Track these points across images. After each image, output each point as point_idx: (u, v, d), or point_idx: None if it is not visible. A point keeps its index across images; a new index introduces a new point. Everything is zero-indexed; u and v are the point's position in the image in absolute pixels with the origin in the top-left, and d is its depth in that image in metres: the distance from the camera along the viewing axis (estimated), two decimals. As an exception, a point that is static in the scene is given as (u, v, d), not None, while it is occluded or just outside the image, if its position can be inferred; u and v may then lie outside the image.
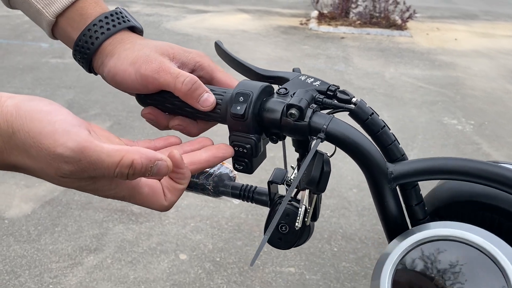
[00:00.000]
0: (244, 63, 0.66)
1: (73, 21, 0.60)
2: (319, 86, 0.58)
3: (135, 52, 0.57)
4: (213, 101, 0.56)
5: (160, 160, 0.44)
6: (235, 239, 2.34)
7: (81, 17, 0.59)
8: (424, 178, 0.53)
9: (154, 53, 0.57)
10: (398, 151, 0.56)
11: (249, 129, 0.54)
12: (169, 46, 0.59)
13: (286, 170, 0.64)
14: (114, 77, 0.58)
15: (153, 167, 0.43)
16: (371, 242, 2.38)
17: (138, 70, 0.55)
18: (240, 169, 0.57)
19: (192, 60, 0.59)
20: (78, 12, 0.59)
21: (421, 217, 0.57)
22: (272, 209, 0.64)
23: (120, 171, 0.42)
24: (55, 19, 0.60)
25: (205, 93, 0.56)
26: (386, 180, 0.54)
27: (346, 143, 0.52)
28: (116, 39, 0.59)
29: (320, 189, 0.54)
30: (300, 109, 0.51)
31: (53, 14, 0.59)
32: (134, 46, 0.58)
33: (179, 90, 0.55)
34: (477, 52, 5.97)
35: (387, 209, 0.55)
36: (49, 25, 0.61)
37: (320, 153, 0.54)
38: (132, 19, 0.62)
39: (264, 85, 0.55)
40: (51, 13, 0.59)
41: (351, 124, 0.54)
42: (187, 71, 0.59)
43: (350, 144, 0.52)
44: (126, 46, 0.58)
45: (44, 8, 0.60)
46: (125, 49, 0.58)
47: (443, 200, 0.62)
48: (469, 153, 3.28)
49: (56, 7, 0.59)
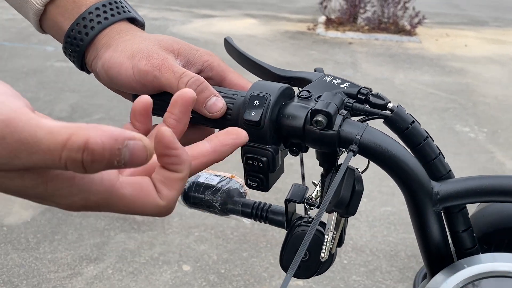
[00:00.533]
0: (258, 61, 0.57)
1: (65, 10, 0.51)
2: (348, 88, 0.49)
3: (134, 45, 0.49)
4: (222, 106, 0.47)
5: (131, 140, 0.29)
6: (240, 250, 2.25)
7: (74, 5, 0.51)
8: (477, 200, 0.44)
9: (156, 48, 0.48)
10: (443, 167, 0.47)
11: (265, 139, 0.45)
12: (175, 41, 0.50)
13: (306, 187, 0.55)
14: (108, 72, 0.49)
15: (123, 150, 0.29)
16: (382, 254, 2.28)
17: (137, 65, 0.47)
18: (253, 186, 0.48)
19: (200, 58, 0.50)
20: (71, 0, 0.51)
21: (470, 245, 0.48)
22: (289, 232, 0.54)
23: (69, 157, 0.28)
24: (44, 8, 0.52)
25: (213, 96, 0.47)
26: (430, 202, 0.44)
27: (383, 157, 0.43)
28: (114, 29, 0.51)
29: (350, 212, 0.45)
30: (328, 116, 0.42)
31: (41, 2, 0.51)
32: (133, 39, 0.50)
33: None
34: (488, 58, 5.86)
35: (429, 236, 0.46)
36: (37, 15, 0.52)
37: (350, 169, 0.45)
38: (132, 10, 0.54)
39: (284, 86, 0.47)
40: (39, 0, 0.51)
41: (387, 134, 0.45)
42: (194, 71, 0.50)
43: (389, 159, 0.43)
44: (124, 38, 0.50)
45: None
46: (124, 40, 0.50)
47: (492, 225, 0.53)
48: (483, 162, 3.17)
49: None
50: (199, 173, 0.62)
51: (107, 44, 0.50)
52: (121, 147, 0.29)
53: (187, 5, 8.41)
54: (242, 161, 0.48)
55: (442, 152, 0.48)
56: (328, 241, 0.47)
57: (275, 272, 2.12)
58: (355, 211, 0.46)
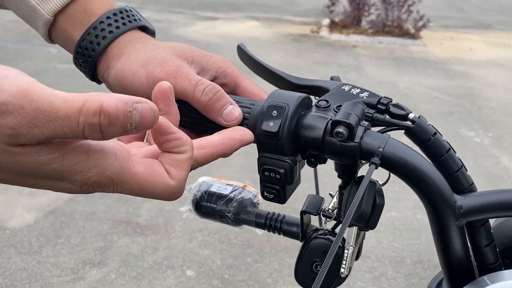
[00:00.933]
0: (273, 69, 0.56)
1: (75, 19, 0.50)
2: (368, 98, 0.47)
3: (148, 53, 0.48)
4: (238, 114, 0.46)
5: (139, 103, 0.31)
6: (244, 255, 2.23)
7: (84, 14, 0.50)
8: (501, 214, 0.42)
9: (170, 55, 0.47)
10: (466, 180, 0.45)
11: (283, 150, 0.44)
12: (188, 48, 0.49)
13: (322, 198, 0.54)
14: (121, 81, 0.48)
15: (133, 112, 0.31)
16: (388, 260, 2.26)
17: (151, 73, 0.46)
18: (270, 198, 0.47)
19: (214, 65, 0.49)
20: (81, 9, 0.50)
21: (492, 261, 0.46)
22: (305, 244, 0.53)
23: (87, 121, 0.29)
24: (53, 18, 0.50)
25: (229, 105, 0.46)
26: (453, 216, 0.43)
27: (406, 170, 0.41)
28: (126, 38, 0.50)
29: (370, 225, 0.44)
30: (349, 127, 0.41)
31: (51, 12, 0.50)
32: (146, 47, 0.49)
33: (198, 101, 0.45)
34: (492, 62, 5.84)
35: (452, 250, 0.44)
36: (46, 25, 0.51)
37: (371, 182, 0.44)
38: (143, 18, 0.53)
39: (302, 96, 0.45)
40: (48, 10, 0.50)
41: (409, 145, 0.44)
42: (208, 77, 0.49)
43: (411, 172, 0.41)
44: (137, 46, 0.49)
45: (40, 4, 0.50)
46: (136, 49, 0.49)
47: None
48: (489, 167, 3.15)
49: (55, 4, 0.49)
50: (211, 182, 0.61)
51: (119, 54, 0.49)
52: (131, 109, 0.31)
53: (190, 7, 8.41)
54: (259, 172, 0.46)
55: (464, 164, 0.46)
56: (349, 256, 0.45)
57: (279, 277, 2.11)
58: (376, 225, 0.44)
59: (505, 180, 3.01)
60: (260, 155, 0.45)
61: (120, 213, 2.48)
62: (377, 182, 0.46)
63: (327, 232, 0.52)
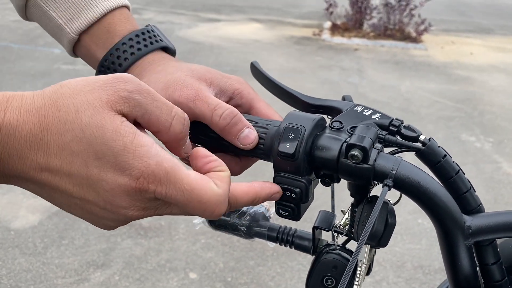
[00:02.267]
0: (286, 88, 0.57)
1: (99, 39, 0.52)
2: (379, 119, 0.49)
3: (168, 76, 0.49)
4: (254, 138, 0.48)
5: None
6: (247, 258, 2.25)
7: (108, 35, 0.52)
8: (509, 235, 0.44)
9: (189, 78, 0.49)
10: (474, 201, 0.47)
11: (299, 171, 0.46)
12: (207, 70, 0.51)
13: (334, 214, 0.55)
14: None
15: None
16: (389, 264, 2.28)
17: (171, 96, 0.48)
18: (285, 216, 0.49)
19: (231, 86, 0.51)
20: (105, 29, 0.52)
21: (499, 278, 0.48)
22: (316, 258, 0.55)
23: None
24: (78, 36, 0.53)
25: (246, 128, 0.48)
26: (462, 236, 0.45)
27: (418, 192, 0.43)
28: (147, 60, 0.52)
29: (382, 243, 0.46)
30: (364, 151, 0.43)
31: (76, 31, 0.52)
32: (166, 69, 0.50)
33: (216, 125, 0.47)
34: (493, 67, 5.86)
35: (460, 269, 0.46)
36: (71, 43, 0.54)
37: (384, 202, 0.46)
38: (164, 38, 0.54)
39: (317, 118, 0.47)
40: (74, 29, 0.52)
41: (420, 167, 0.45)
42: (225, 98, 0.51)
43: (423, 194, 0.43)
44: (157, 69, 0.51)
45: (66, 23, 0.52)
46: (156, 71, 0.50)
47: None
48: (489, 173, 3.17)
49: (80, 23, 0.51)
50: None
51: (140, 76, 0.51)
52: None
53: (193, 9, 8.43)
54: None
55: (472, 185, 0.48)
56: (361, 273, 0.47)
57: (282, 281, 2.12)
58: (387, 243, 0.46)
59: (505, 186, 3.03)
60: (276, 174, 0.47)
61: (124, 215, 2.49)
62: (389, 201, 0.47)
63: (338, 248, 0.54)
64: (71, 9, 0.52)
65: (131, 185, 0.35)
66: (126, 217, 0.37)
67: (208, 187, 0.37)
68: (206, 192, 0.37)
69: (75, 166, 0.34)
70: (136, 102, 0.35)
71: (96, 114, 0.34)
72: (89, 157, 0.34)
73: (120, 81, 0.35)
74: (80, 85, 0.35)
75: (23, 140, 0.33)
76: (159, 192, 0.35)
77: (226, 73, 0.53)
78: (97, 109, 0.34)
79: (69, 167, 0.34)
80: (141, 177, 0.35)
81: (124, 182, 0.35)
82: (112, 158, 0.34)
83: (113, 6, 0.52)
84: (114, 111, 0.34)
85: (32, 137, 0.34)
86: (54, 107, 0.34)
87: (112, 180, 0.34)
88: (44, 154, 0.34)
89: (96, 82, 0.35)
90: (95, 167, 0.34)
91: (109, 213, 0.36)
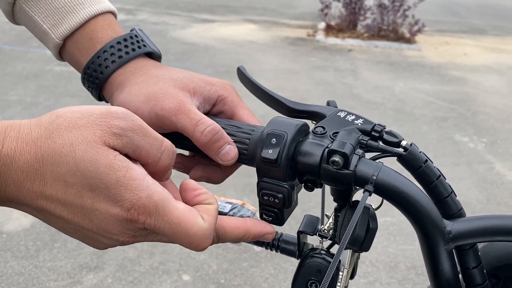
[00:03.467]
0: (271, 93, 0.58)
1: (82, 46, 0.52)
2: (362, 125, 0.50)
3: (149, 88, 0.49)
4: (234, 155, 0.48)
5: None
6: (240, 259, 2.25)
7: (90, 42, 0.52)
8: (488, 239, 0.45)
9: (172, 89, 0.49)
10: (455, 205, 0.47)
11: (282, 176, 0.46)
12: (190, 79, 0.50)
13: (318, 218, 0.56)
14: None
15: None
16: (382, 265, 2.28)
17: (153, 109, 0.48)
18: (269, 220, 0.49)
19: (214, 93, 0.51)
20: (88, 36, 0.52)
21: (480, 282, 0.49)
22: (302, 262, 0.55)
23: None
24: (62, 42, 0.53)
25: (227, 145, 0.48)
26: (443, 240, 0.45)
27: (399, 197, 0.44)
28: (129, 68, 0.51)
29: (364, 248, 0.46)
30: (345, 157, 0.43)
31: (61, 37, 0.52)
32: (148, 79, 0.50)
33: (197, 140, 0.48)
34: (487, 67, 5.89)
35: (441, 273, 0.47)
36: (56, 48, 0.54)
37: (365, 207, 0.46)
38: (148, 42, 0.54)
39: (300, 124, 0.47)
40: (58, 35, 0.52)
41: (400, 173, 0.46)
42: (209, 106, 0.51)
43: (403, 200, 0.44)
44: (139, 79, 0.50)
45: (51, 29, 0.52)
46: (138, 82, 0.50)
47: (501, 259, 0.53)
48: (482, 173, 3.19)
49: (64, 29, 0.52)
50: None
51: (122, 85, 0.50)
52: None
53: (187, 10, 8.42)
54: (258, 196, 0.48)
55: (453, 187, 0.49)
56: (344, 278, 0.47)
57: (275, 282, 2.13)
58: (369, 248, 0.46)
59: (498, 186, 3.04)
60: (259, 179, 0.48)
61: (117, 217, 2.49)
62: (371, 206, 0.48)
63: (322, 252, 0.54)
64: (55, 15, 0.52)
65: (122, 216, 0.37)
66: (118, 242, 0.39)
67: (195, 221, 0.39)
68: (193, 226, 0.38)
69: (70, 196, 0.36)
70: (129, 139, 0.37)
71: (90, 149, 0.35)
72: (83, 189, 0.36)
73: (114, 116, 0.36)
74: (75, 118, 0.36)
75: (19, 170, 0.35)
76: (148, 223, 0.37)
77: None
78: (91, 144, 0.35)
79: (64, 197, 0.36)
80: (132, 208, 0.36)
81: (116, 213, 0.36)
82: (105, 191, 0.36)
83: (97, 12, 0.52)
84: (107, 146, 0.36)
85: (29, 167, 0.35)
86: (50, 139, 0.35)
87: (105, 210, 0.36)
88: (40, 183, 0.35)
89: (91, 115, 0.36)
90: (89, 198, 0.36)
91: (102, 237, 0.38)
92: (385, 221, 2.59)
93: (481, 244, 0.55)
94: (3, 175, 0.35)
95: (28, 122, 0.37)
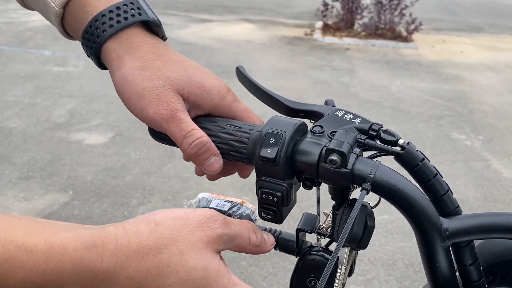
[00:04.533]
0: (270, 92, 0.58)
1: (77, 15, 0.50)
2: (360, 124, 0.50)
3: (145, 81, 0.48)
4: (218, 167, 0.50)
5: None
6: (239, 258, 2.26)
7: (83, 10, 0.50)
8: (485, 236, 0.45)
9: (167, 89, 0.48)
10: (451, 203, 0.48)
11: (280, 175, 0.47)
12: (186, 82, 0.49)
13: (317, 216, 0.56)
14: (119, 93, 0.50)
15: None
16: (380, 263, 2.29)
17: (145, 109, 0.48)
18: (267, 219, 0.50)
19: (210, 103, 0.51)
20: (81, 3, 0.50)
21: (476, 278, 0.49)
22: (300, 260, 0.56)
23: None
24: (63, 10, 0.51)
25: (213, 157, 0.49)
26: (439, 238, 0.46)
27: (396, 195, 0.44)
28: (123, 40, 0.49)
29: (361, 246, 0.47)
30: (342, 155, 0.44)
31: (60, 4, 0.50)
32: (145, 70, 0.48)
33: (184, 151, 0.49)
34: (483, 65, 5.91)
35: (438, 270, 0.47)
36: (58, 17, 0.51)
37: (362, 205, 0.47)
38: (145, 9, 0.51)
39: (298, 123, 0.48)
40: (57, 2, 0.50)
41: (397, 171, 0.47)
42: (201, 112, 0.51)
43: (400, 198, 0.44)
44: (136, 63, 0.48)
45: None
46: (134, 67, 0.48)
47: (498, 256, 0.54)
48: (479, 170, 3.20)
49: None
50: (210, 198, 0.64)
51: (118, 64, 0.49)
52: None
53: (185, 10, 8.42)
54: (257, 194, 0.49)
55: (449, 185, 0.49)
56: (341, 275, 0.48)
57: (274, 281, 2.13)
58: (367, 245, 0.47)
59: (495, 183, 3.06)
60: (258, 178, 0.48)
61: (116, 217, 2.49)
62: (368, 204, 0.49)
63: (321, 249, 0.55)
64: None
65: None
66: None
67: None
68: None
69: None
70: (228, 237, 0.41)
71: (201, 257, 0.37)
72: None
73: (212, 220, 0.41)
74: (178, 226, 0.38)
75: (118, 284, 0.35)
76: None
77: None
78: (201, 251, 0.38)
79: None
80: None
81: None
82: None
83: None
84: (214, 251, 0.39)
85: (129, 281, 0.35)
86: (155, 249, 0.36)
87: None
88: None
89: (192, 222, 0.39)
90: None
91: None
92: (383, 219, 2.60)
93: (478, 241, 0.56)
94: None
95: (123, 231, 0.36)
